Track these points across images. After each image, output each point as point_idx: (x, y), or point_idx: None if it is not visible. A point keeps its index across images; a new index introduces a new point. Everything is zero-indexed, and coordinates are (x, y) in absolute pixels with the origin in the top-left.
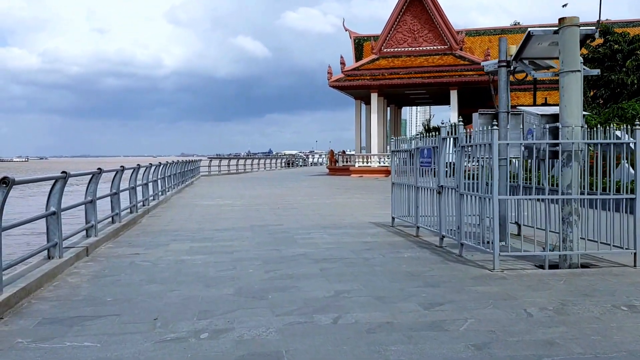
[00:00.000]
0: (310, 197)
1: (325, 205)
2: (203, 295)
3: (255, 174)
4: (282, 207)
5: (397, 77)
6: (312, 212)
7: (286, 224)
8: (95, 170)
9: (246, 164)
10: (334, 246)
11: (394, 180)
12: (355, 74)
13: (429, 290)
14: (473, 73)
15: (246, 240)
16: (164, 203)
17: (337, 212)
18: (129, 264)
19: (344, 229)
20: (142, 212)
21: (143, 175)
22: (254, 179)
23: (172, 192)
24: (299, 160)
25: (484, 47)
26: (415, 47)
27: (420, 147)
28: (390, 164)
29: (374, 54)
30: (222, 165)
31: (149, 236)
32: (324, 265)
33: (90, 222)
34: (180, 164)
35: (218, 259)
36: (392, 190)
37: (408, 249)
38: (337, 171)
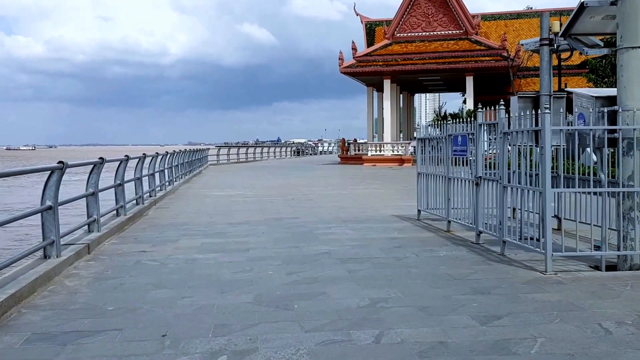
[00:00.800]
0: (325, 188)
1: (342, 196)
2: (218, 304)
3: (265, 162)
4: (296, 199)
5: (410, 62)
6: (330, 203)
7: (303, 217)
8: (97, 160)
9: (255, 152)
10: (359, 243)
11: (420, 170)
12: (368, 59)
13: (479, 299)
14: (490, 58)
15: (262, 236)
16: (171, 194)
17: (355, 203)
18: (134, 264)
19: (367, 223)
20: (149, 203)
21: (149, 164)
22: (264, 168)
23: (180, 182)
24: (308, 148)
25: (499, 32)
26: (430, 31)
27: (453, 135)
28: (405, 152)
29: (386, 39)
30: (231, 154)
31: (157, 230)
32: (351, 266)
33: (93, 216)
34: (187, 152)
35: (233, 258)
36: (418, 181)
37: (442, 247)
38: (349, 160)
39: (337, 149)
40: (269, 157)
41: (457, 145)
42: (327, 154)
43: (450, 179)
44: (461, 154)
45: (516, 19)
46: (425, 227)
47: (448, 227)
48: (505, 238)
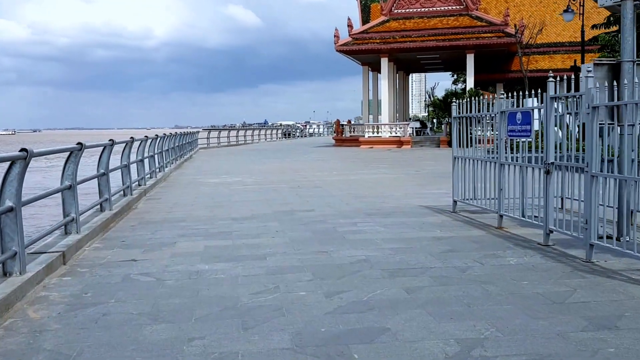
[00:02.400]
0: (329, 173)
1: (352, 182)
2: (243, 351)
3: (256, 145)
4: (302, 186)
5: (409, 40)
6: (342, 192)
7: (318, 210)
8: (74, 146)
9: (246, 135)
10: (399, 245)
11: (456, 153)
12: (364, 37)
13: (610, 339)
14: (492, 35)
15: (276, 235)
16: (163, 181)
17: (371, 191)
18: (121, 280)
19: (395, 216)
20: (138, 194)
21: (138, 150)
22: (257, 151)
23: (171, 167)
24: (296, 130)
25: (500, 8)
26: (429, 7)
27: (509, 111)
28: (404, 134)
29: (383, 16)
30: (221, 137)
31: (149, 229)
32: (406, 281)
33: (70, 215)
34: (178, 136)
35: (248, 270)
36: (454, 167)
37: (506, 250)
38: (345, 142)
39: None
40: (259, 140)
41: (516, 124)
42: (315, 136)
43: (503, 165)
44: (521, 134)
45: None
46: (468, 221)
47: (499, 222)
48: (593, 241)
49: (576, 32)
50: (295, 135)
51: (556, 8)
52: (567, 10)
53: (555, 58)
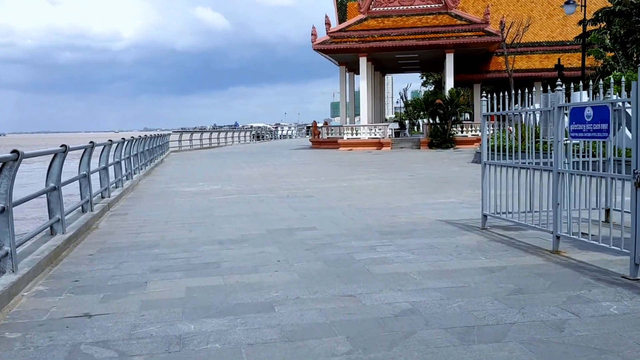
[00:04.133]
0: (317, 178)
1: (346, 189)
2: None
3: (230, 148)
4: (292, 195)
5: (388, 39)
6: (340, 202)
7: (321, 227)
8: (9, 155)
9: (219, 137)
10: (446, 282)
11: (486, 159)
12: (342, 35)
13: None
14: (472, 34)
15: (280, 267)
16: (130, 191)
17: (372, 201)
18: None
19: (417, 235)
20: (101, 209)
21: (101, 156)
22: (232, 154)
23: (140, 174)
24: (268, 132)
25: (477, 7)
26: (407, 5)
27: (573, 106)
28: (384, 135)
29: (361, 14)
30: (193, 139)
31: (112, 259)
32: (489, 353)
33: (3, 248)
34: (148, 139)
35: (253, 335)
36: (485, 175)
37: (591, 289)
38: (322, 144)
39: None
40: (232, 142)
41: (584, 122)
42: (287, 138)
43: (561, 174)
44: (595, 135)
45: None
46: (510, 242)
47: (556, 245)
48: None
49: (553, 32)
50: (267, 138)
51: (533, 7)
52: (568, 2)
53: (533, 58)
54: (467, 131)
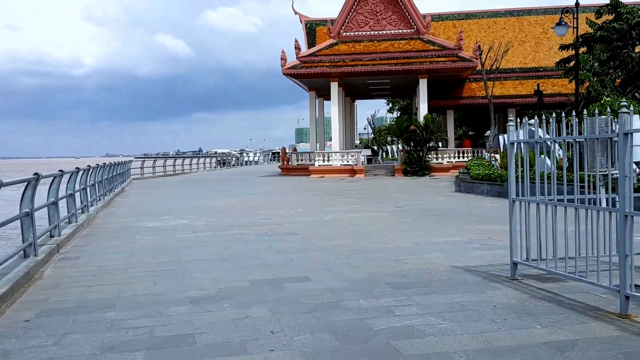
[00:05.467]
0: (295, 211)
1: (331, 224)
2: None
3: (195, 175)
4: (272, 231)
5: (360, 63)
6: (329, 242)
7: (315, 277)
8: None
9: (183, 164)
10: None
11: (514, 195)
12: (313, 60)
13: None
14: (445, 59)
15: (277, 346)
16: (86, 227)
17: (367, 240)
18: None
19: (438, 289)
20: (48, 252)
21: (50, 188)
22: (198, 182)
23: (97, 206)
24: (232, 158)
25: (448, 33)
26: (379, 30)
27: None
28: (357, 162)
29: (331, 39)
30: (156, 166)
31: (52, 329)
32: None
33: None
34: (107, 167)
35: None
36: (514, 213)
37: None
38: (292, 171)
39: (263, 159)
40: (198, 169)
41: None
42: (253, 164)
43: (629, 216)
44: None
45: (465, 20)
46: (557, 300)
47: (625, 307)
48: None
49: (526, 59)
50: (232, 164)
51: (505, 34)
52: (559, 23)
53: (506, 84)
54: (442, 158)
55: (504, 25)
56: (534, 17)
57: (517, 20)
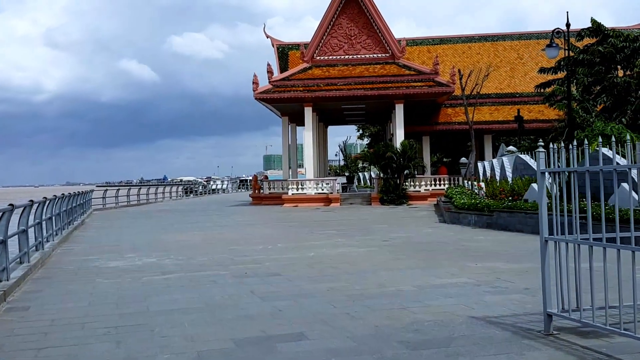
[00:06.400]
0: (273, 245)
1: (317, 263)
2: None
3: (161, 205)
4: (252, 272)
5: (335, 88)
6: (319, 284)
7: (312, 335)
8: None
9: (148, 193)
10: None
11: (547, 234)
12: (286, 84)
13: None
14: (422, 84)
15: None
16: (39, 268)
17: (361, 282)
18: None
19: (467, 352)
20: None
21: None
22: (164, 212)
23: (53, 242)
24: (199, 186)
25: (422, 58)
26: (353, 54)
27: None
28: (332, 190)
29: (305, 63)
30: (119, 196)
31: None
32: None
33: None
34: (66, 198)
35: None
36: (547, 256)
37: None
38: (264, 200)
39: (231, 187)
40: (163, 199)
41: None
42: (220, 192)
43: None
44: None
45: (439, 44)
46: None
47: None
48: None
49: (502, 84)
50: (198, 192)
51: (480, 59)
52: (550, 45)
53: (483, 110)
54: (419, 186)
55: (479, 51)
56: (508, 42)
57: (491, 45)
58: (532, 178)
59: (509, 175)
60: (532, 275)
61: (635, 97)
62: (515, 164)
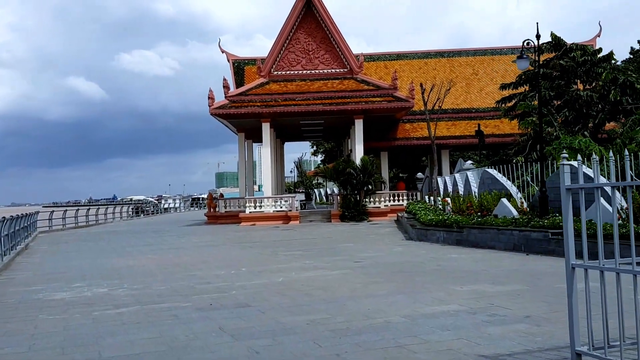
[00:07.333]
0: (236, 269)
1: (288, 290)
2: None
3: (110, 226)
4: (218, 303)
5: (293, 103)
6: (296, 316)
7: None
8: None
9: (97, 213)
10: None
11: (574, 261)
12: (243, 99)
13: None
14: (381, 99)
15: None
16: None
17: (343, 312)
18: None
19: None
20: None
21: None
22: (114, 234)
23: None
24: (150, 206)
25: (380, 74)
26: (311, 69)
27: None
28: (291, 208)
29: (262, 77)
30: (66, 217)
31: None
32: None
33: None
34: (8, 222)
35: None
36: (575, 285)
37: None
38: (220, 219)
39: (183, 206)
40: (113, 219)
41: None
42: (172, 211)
43: None
44: None
45: (396, 60)
46: None
47: None
48: None
49: (458, 100)
50: (150, 212)
51: (436, 74)
52: (521, 56)
53: (440, 125)
54: (379, 202)
55: (435, 66)
56: (464, 58)
57: (447, 61)
58: (502, 192)
59: (475, 189)
60: (525, 300)
61: (596, 110)
62: (482, 178)
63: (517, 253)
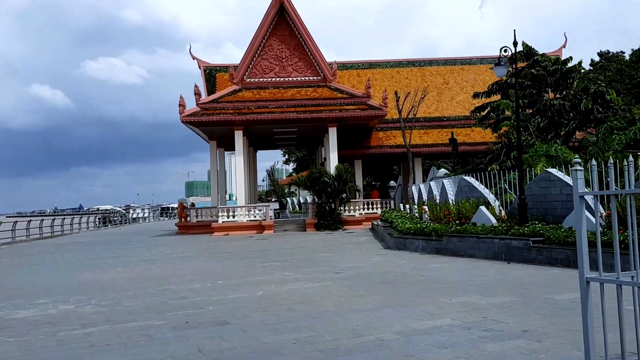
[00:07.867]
0: (212, 282)
1: (268, 304)
2: None
3: (77, 236)
4: (194, 320)
5: (267, 110)
6: (281, 335)
7: None
8: None
9: (63, 224)
10: None
11: (588, 274)
12: (215, 107)
13: None
14: (354, 107)
15: None
16: None
17: (330, 329)
18: None
19: None
20: None
21: None
22: (81, 245)
23: None
24: (117, 216)
25: (352, 82)
26: (285, 77)
27: None
28: (265, 217)
29: (234, 85)
30: (30, 227)
31: None
32: None
33: None
34: None
35: None
36: (590, 300)
37: None
38: (191, 229)
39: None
40: (79, 229)
41: None
42: (140, 221)
43: None
44: None
45: (369, 69)
46: None
47: None
48: None
49: (429, 108)
50: (117, 222)
51: (408, 84)
52: (498, 63)
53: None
54: (353, 210)
55: (407, 75)
56: (435, 67)
57: (419, 70)
58: (479, 200)
59: (451, 197)
60: (518, 312)
61: (567, 119)
62: (460, 186)
63: (498, 261)
